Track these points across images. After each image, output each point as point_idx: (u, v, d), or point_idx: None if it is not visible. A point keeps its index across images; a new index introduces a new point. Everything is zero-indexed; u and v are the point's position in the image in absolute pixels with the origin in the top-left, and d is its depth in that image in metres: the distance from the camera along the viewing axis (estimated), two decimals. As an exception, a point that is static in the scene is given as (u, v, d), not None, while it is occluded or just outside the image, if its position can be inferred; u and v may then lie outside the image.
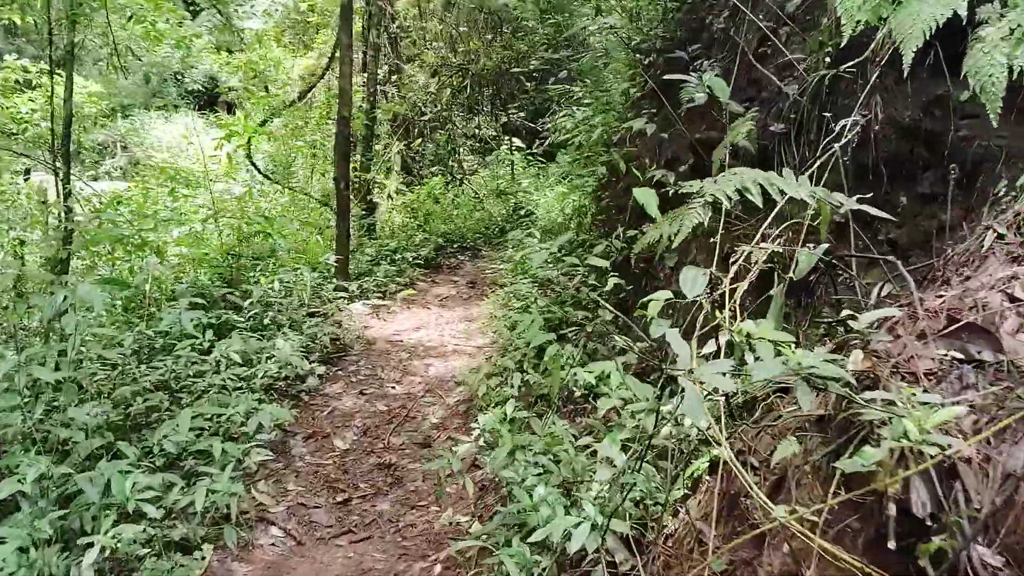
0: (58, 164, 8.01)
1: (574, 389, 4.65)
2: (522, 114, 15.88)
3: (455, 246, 11.22)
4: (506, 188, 14.90)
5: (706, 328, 2.63)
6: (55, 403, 3.79)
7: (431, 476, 4.26)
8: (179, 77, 27.57)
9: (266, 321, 5.86)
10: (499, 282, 8.95)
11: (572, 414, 4.71)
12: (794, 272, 2.53)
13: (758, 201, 2.52)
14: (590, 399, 4.73)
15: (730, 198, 2.44)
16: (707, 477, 2.61)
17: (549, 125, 7.37)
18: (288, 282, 6.67)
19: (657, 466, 2.97)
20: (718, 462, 2.46)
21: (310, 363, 5.72)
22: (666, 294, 2.87)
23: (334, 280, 7.27)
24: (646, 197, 2.52)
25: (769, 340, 1.99)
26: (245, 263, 7.11)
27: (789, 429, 2.23)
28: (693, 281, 2.32)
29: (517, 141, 15.71)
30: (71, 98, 5.51)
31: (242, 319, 5.92)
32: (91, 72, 20.63)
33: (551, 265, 6.08)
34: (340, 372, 5.96)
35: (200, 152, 9.30)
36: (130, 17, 7.11)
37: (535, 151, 15.98)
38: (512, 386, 4.79)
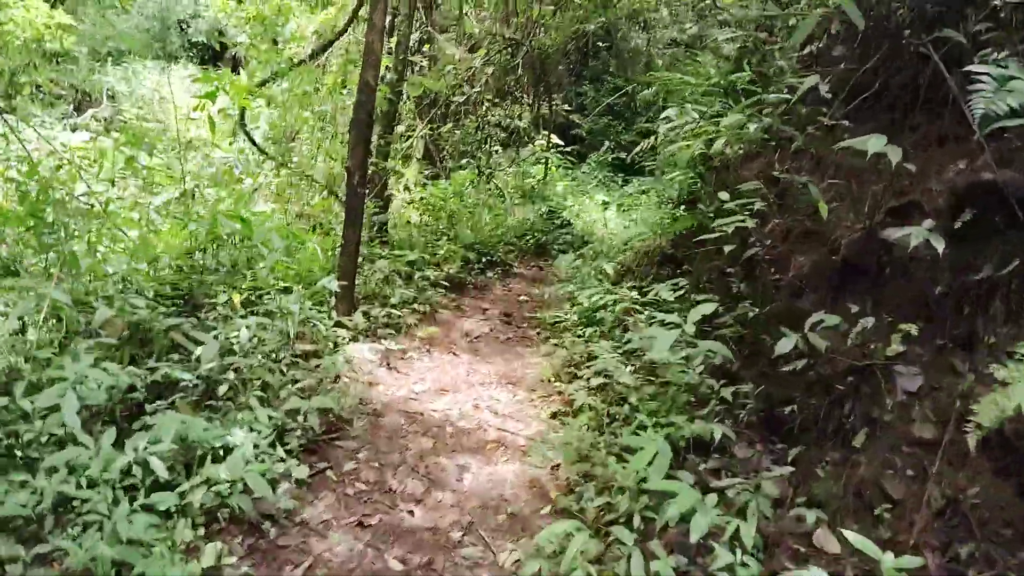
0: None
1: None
2: (566, 106, 13.78)
3: (483, 260, 9.12)
4: (538, 191, 12.76)
5: None
6: None
7: None
8: (183, 26, 25.34)
9: (222, 388, 3.77)
10: (545, 320, 6.88)
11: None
12: None
13: None
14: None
15: None
16: None
17: (662, 126, 5.29)
18: (273, 311, 4.59)
19: None
20: None
21: (285, 458, 3.65)
22: None
23: (333, 312, 5.19)
24: None
25: None
26: (210, 273, 5.02)
27: None
28: None
29: (555, 137, 13.63)
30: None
31: (191, 374, 3.86)
32: (87, 11, 18.39)
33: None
34: (330, 473, 3.88)
35: (175, 111, 7.17)
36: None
37: (567, 150, 13.92)
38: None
